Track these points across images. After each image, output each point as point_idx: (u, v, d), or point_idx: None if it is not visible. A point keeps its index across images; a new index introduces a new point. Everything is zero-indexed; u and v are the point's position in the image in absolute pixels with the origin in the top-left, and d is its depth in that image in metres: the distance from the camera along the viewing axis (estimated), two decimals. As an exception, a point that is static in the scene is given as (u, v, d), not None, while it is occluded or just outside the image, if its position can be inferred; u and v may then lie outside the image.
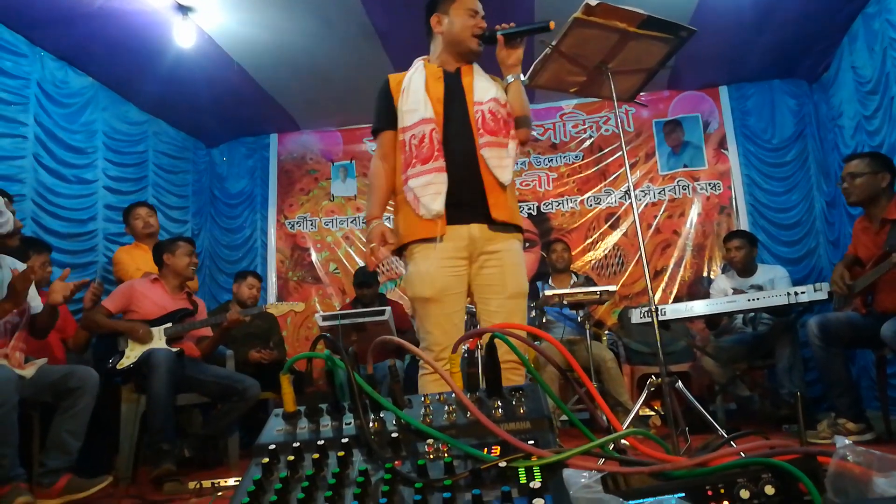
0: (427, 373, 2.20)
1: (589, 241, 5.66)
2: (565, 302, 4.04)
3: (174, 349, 3.48)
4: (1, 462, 2.55)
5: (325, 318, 4.23)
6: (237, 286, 4.87)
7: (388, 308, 4.20)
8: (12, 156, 4.02)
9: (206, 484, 3.00)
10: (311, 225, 6.13)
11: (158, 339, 3.57)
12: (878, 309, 3.23)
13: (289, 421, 0.96)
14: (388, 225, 2.27)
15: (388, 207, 2.37)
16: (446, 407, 0.94)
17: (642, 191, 5.63)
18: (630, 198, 2.46)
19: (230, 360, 4.04)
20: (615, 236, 5.64)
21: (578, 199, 5.76)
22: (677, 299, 5.29)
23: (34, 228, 4.09)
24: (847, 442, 0.67)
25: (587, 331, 4.11)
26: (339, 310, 4.95)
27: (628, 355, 4.81)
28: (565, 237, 5.51)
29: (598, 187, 5.76)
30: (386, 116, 2.38)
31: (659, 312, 3.34)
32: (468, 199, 2.22)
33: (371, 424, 0.92)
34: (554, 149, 5.91)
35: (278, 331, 4.94)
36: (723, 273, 4.86)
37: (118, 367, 3.47)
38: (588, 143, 5.87)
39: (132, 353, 3.51)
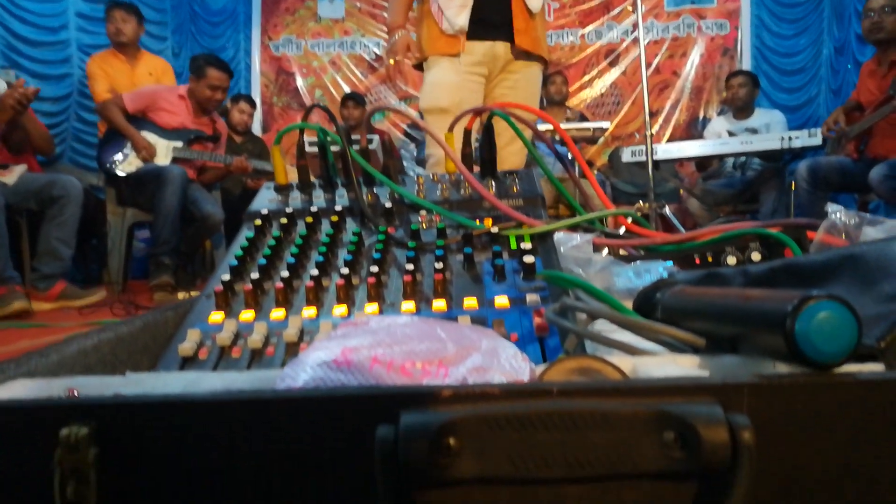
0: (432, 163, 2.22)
1: (587, 77, 5.49)
2: (557, 137, 3.99)
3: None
4: (-6, 262, 2.59)
5: (310, 145, 4.14)
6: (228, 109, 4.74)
7: (377, 136, 4.13)
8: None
9: (196, 294, 3.10)
10: (297, 48, 5.84)
11: (164, 157, 3.47)
12: (870, 154, 3.22)
13: (280, 192, 0.95)
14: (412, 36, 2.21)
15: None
16: (440, 185, 0.94)
17: (645, 27, 5.36)
18: (638, 24, 2.33)
19: (216, 191, 3.99)
20: (613, 74, 5.46)
21: (579, 33, 5.50)
22: (670, 142, 5.24)
23: (2, 34, 3.87)
24: (840, 207, 0.67)
25: (576, 169, 4.09)
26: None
27: (615, 195, 4.84)
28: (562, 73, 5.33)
29: (601, 20, 5.47)
30: None
31: (652, 150, 3.31)
32: (494, 19, 2.15)
33: (364, 197, 0.91)
34: (557, -24, 5.54)
35: (269, 157, 4.88)
36: (719, 115, 4.78)
37: (118, 170, 3.39)
38: (593, -30, 5.51)
39: (135, 161, 3.41)
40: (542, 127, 3.98)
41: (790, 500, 0.37)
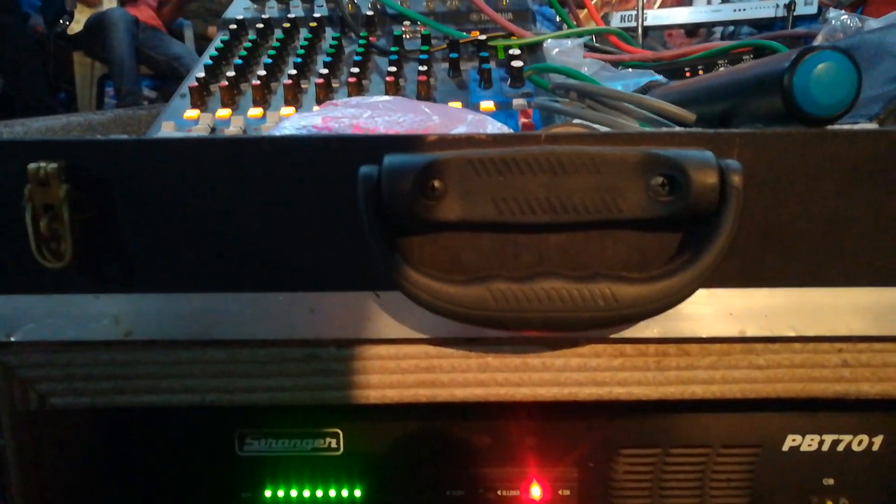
0: None
1: (579, -64, 5.16)
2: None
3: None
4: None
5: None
6: None
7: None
8: None
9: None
10: None
11: (108, 2, 3.24)
12: (865, 23, 3.14)
13: (256, 1, 0.89)
14: None
15: None
16: (425, -3, 0.89)
17: None
18: None
19: (188, 29, 3.78)
20: (608, -67, 5.13)
21: None
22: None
23: None
24: (840, 12, 0.65)
25: (564, 33, 3.93)
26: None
27: (601, 64, 4.71)
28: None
29: None
30: None
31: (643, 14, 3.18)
32: None
33: (345, 5, 0.86)
34: None
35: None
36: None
37: (69, 32, 3.19)
38: None
39: (81, 17, 3.20)
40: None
41: (771, 248, 0.38)
